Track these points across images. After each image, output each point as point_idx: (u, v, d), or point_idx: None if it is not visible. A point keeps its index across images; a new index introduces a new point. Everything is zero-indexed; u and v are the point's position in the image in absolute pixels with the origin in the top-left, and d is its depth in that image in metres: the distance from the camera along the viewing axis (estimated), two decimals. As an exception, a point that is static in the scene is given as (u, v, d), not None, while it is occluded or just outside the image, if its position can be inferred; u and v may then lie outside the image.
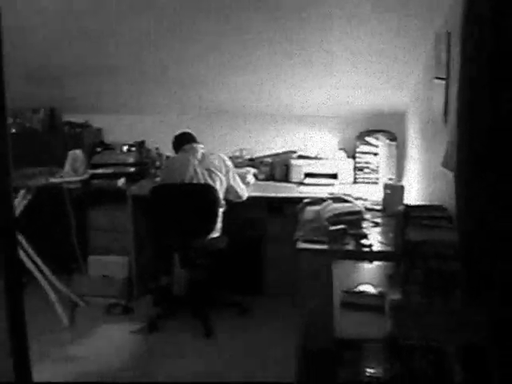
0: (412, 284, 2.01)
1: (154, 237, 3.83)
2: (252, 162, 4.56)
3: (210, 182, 3.63)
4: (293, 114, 4.52)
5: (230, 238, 3.79)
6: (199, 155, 3.72)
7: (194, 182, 3.63)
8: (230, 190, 3.76)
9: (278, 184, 4.38)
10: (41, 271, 3.81)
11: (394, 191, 3.43)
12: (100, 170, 4.38)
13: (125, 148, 4.56)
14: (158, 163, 4.55)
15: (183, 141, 3.86)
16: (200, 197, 3.58)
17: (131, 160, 4.46)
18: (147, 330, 3.68)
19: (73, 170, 3.72)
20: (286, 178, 4.42)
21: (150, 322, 3.72)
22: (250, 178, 4.26)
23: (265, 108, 4.46)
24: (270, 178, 4.51)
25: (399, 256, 2.25)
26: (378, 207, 3.53)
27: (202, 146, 3.84)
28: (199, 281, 3.94)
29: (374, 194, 3.85)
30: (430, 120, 3.22)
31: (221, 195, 3.67)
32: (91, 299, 4.15)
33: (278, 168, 4.50)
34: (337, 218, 3.07)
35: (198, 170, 3.64)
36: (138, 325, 3.76)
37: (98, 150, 4.56)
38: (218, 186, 3.64)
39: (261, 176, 4.49)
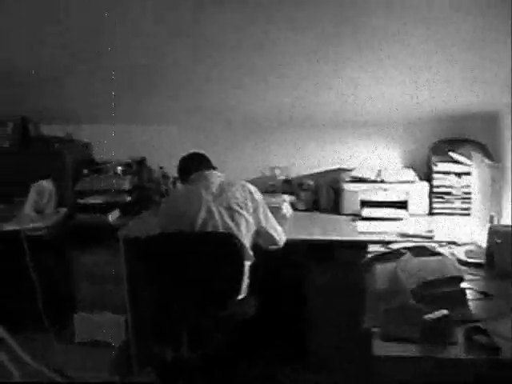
0: None
1: (156, 300, 2.75)
2: (288, 186, 3.46)
3: (231, 225, 2.50)
4: (342, 120, 3.45)
5: (261, 297, 2.68)
6: (215, 187, 2.60)
7: (209, 228, 2.51)
8: (260, 233, 2.65)
9: (325, 216, 3.26)
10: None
11: (508, 240, 2.30)
12: (86, 200, 3.35)
13: (119, 169, 3.51)
14: (163, 188, 3.49)
15: (192, 167, 2.73)
16: (218, 250, 2.47)
17: (127, 186, 3.41)
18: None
19: (36, 209, 2.63)
20: (335, 208, 3.30)
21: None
22: (287, 210, 3.15)
23: (304, 114, 3.41)
24: (314, 207, 3.40)
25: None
26: (477, 259, 2.42)
27: (218, 173, 2.70)
28: (218, 357, 2.85)
29: (463, 233, 2.75)
30: None
31: (247, 243, 2.55)
32: (75, 375, 3.10)
33: (323, 193, 3.36)
34: (429, 291, 2.02)
35: (214, 209, 2.52)
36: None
37: (85, 172, 3.50)
38: (243, 230, 2.52)
39: (300, 205, 3.38)
